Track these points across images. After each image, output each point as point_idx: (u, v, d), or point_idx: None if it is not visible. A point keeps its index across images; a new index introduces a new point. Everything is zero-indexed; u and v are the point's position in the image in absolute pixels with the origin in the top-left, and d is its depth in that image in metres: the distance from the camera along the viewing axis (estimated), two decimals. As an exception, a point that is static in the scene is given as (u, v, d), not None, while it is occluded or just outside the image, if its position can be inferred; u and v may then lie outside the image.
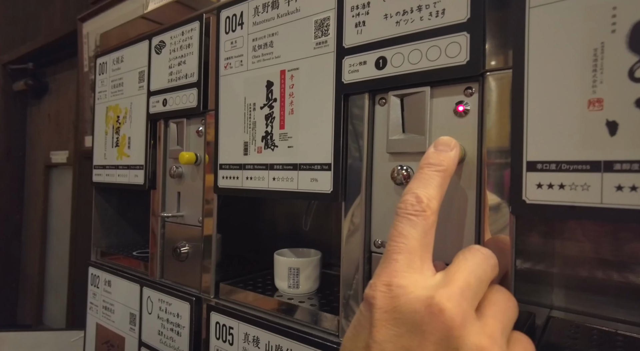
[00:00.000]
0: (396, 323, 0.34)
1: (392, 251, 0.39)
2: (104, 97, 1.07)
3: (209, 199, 0.80)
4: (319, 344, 0.61)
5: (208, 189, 0.80)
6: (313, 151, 0.63)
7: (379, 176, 0.58)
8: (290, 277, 0.72)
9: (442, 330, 0.32)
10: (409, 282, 0.36)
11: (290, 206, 1.03)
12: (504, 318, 0.37)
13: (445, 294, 0.34)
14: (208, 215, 0.81)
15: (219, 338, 0.75)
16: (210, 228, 0.80)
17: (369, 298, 0.37)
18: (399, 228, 0.40)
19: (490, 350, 0.33)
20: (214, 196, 0.79)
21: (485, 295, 0.39)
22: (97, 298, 1.05)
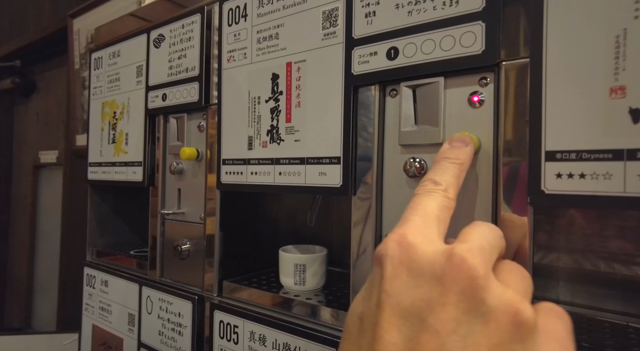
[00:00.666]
0: (412, 273, 0.30)
1: (408, 214, 0.35)
2: (99, 92, 1.04)
3: (212, 195, 0.79)
4: (328, 341, 0.60)
5: (210, 185, 0.79)
6: (321, 145, 0.62)
7: (390, 169, 0.57)
8: (297, 274, 0.71)
9: (465, 279, 0.29)
10: (425, 237, 0.33)
11: (291, 203, 1.01)
12: (524, 285, 0.33)
13: (465, 247, 0.30)
14: (210, 212, 0.79)
15: (223, 337, 0.74)
16: (212, 225, 0.79)
17: (380, 252, 0.33)
18: (417, 200, 0.38)
19: (521, 302, 0.28)
20: (216, 192, 0.78)
21: (498, 265, 0.35)
22: (94, 299, 1.02)
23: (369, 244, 0.58)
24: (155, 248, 0.90)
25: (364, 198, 0.58)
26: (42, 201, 2.51)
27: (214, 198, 0.78)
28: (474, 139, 0.48)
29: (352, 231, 0.60)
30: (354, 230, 0.59)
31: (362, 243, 0.59)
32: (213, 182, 0.78)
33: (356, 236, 0.59)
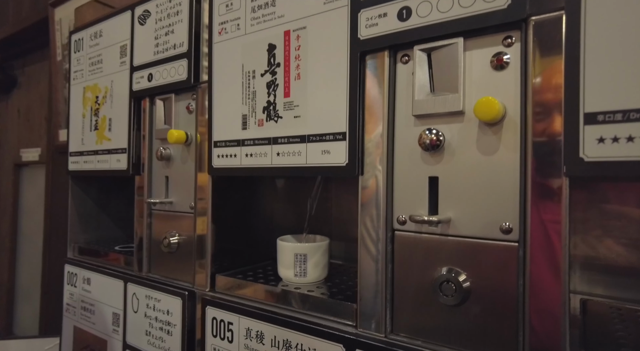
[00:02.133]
0: None
1: None
2: (80, 77, 0.97)
3: (203, 182, 0.72)
4: (335, 336, 0.54)
5: (201, 171, 0.72)
6: (324, 120, 0.56)
7: (402, 144, 0.51)
8: (297, 264, 0.65)
9: None
10: None
11: (289, 192, 0.95)
12: None
13: None
14: (201, 200, 0.73)
15: (216, 335, 0.67)
16: (204, 215, 0.72)
17: None
18: None
19: None
20: (207, 178, 0.71)
21: None
22: (75, 299, 0.95)
23: (378, 229, 0.52)
24: (142, 241, 0.83)
25: (373, 177, 0.53)
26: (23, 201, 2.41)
27: (205, 184, 0.72)
28: (499, 105, 0.43)
29: (359, 215, 0.54)
30: (361, 214, 0.54)
31: (370, 228, 0.53)
32: (204, 167, 0.72)
33: (364, 220, 0.53)
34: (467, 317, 0.46)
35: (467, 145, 0.47)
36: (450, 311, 0.48)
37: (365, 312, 0.53)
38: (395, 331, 0.52)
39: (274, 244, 0.69)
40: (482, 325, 0.45)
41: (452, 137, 0.48)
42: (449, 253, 0.48)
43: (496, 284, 0.45)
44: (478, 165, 0.46)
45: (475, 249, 0.46)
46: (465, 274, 0.47)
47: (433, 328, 0.49)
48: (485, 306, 0.45)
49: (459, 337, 0.47)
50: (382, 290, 0.52)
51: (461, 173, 0.47)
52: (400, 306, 0.51)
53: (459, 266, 0.47)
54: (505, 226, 0.44)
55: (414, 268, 0.50)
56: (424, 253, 0.50)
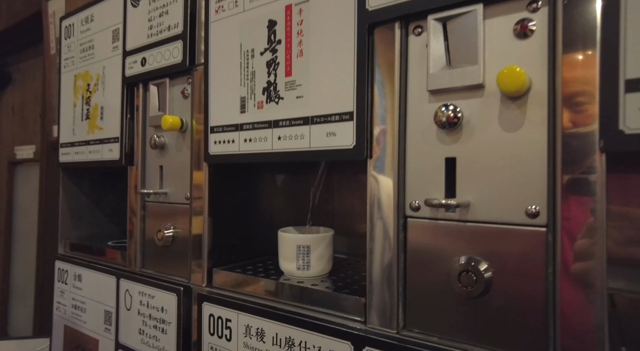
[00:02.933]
0: None
1: None
2: (71, 64, 0.93)
3: (199, 171, 0.68)
4: (342, 333, 0.50)
5: (197, 159, 0.68)
6: (329, 99, 0.52)
7: (415, 123, 0.47)
8: (300, 257, 0.61)
9: None
10: None
11: (288, 185, 0.91)
12: None
13: None
14: (197, 190, 0.68)
15: (213, 333, 0.63)
16: (200, 205, 0.68)
17: None
18: None
19: None
20: (204, 167, 0.67)
21: None
22: (66, 296, 0.91)
23: (389, 216, 0.48)
24: (135, 234, 0.79)
25: (383, 160, 0.48)
26: (18, 200, 2.36)
27: (201, 173, 0.68)
28: (524, 75, 0.39)
29: (368, 201, 0.50)
30: (370, 200, 0.49)
31: (380, 216, 0.49)
32: (200, 155, 0.67)
33: (373, 207, 0.49)
34: (489, 310, 0.42)
35: (488, 122, 0.43)
36: (469, 304, 0.43)
37: (375, 306, 0.49)
38: (408, 326, 0.47)
39: (274, 239, 0.65)
40: (505, 319, 0.41)
41: (471, 113, 0.44)
42: (468, 241, 0.44)
43: (522, 273, 0.40)
44: (500, 143, 0.42)
45: (497, 235, 0.42)
46: (487, 264, 0.42)
47: (450, 323, 0.45)
48: (509, 298, 0.41)
49: (479, 333, 0.43)
50: (394, 282, 0.48)
51: (481, 153, 0.43)
52: (413, 299, 0.47)
53: (479, 255, 0.43)
54: (532, 210, 0.40)
55: (429, 257, 0.46)
56: (440, 241, 0.45)
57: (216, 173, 0.69)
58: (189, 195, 0.70)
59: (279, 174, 0.89)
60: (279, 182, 0.92)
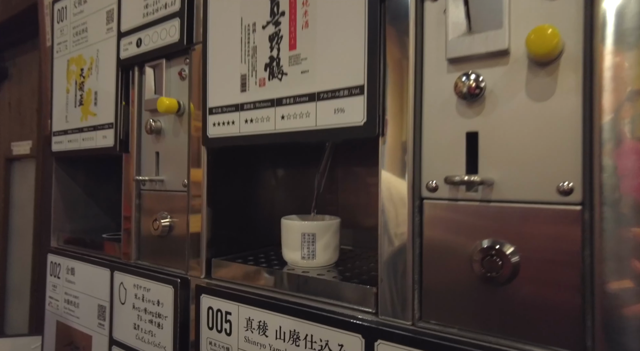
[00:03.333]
0: None
1: None
2: (64, 48, 0.89)
3: (196, 157, 0.64)
4: (351, 325, 0.46)
5: (194, 144, 0.64)
6: (338, 73, 0.48)
7: (432, 95, 0.43)
8: (305, 246, 0.57)
9: None
10: None
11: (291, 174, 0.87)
12: None
13: None
14: (195, 177, 0.65)
15: (212, 327, 0.59)
16: (198, 192, 0.64)
17: None
18: None
19: None
20: (202, 151, 0.63)
21: None
22: (58, 291, 0.87)
23: (403, 199, 0.44)
24: (130, 224, 0.75)
25: (396, 137, 0.45)
26: (15, 197, 2.32)
27: (199, 159, 0.64)
28: (558, 35, 0.35)
29: (380, 182, 0.46)
30: (382, 181, 0.46)
31: (393, 198, 0.45)
32: (198, 140, 0.63)
33: (386, 188, 0.45)
34: (516, 299, 0.38)
35: (514, 91, 0.39)
36: (493, 292, 0.39)
37: (388, 296, 0.45)
38: (424, 317, 0.43)
39: (276, 230, 0.61)
40: (535, 308, 0.37)
41: (494, 83, 0.40)
42: (491, 223, 0.40)
43: (553, 257, 0.37)
44: (527, 114, 0.38)
45: (525, 216, 0.38)
46: (513, 247, 0.38)
47: (472, 312, 0.41)
48: (539, 284, 0.37)
49: (505, 323, 0.39)
50: (409, 270, 0.44)
51: (506, 125, 0.39)
52: (430, 288, 0.43)
53: (504, 238, 0.39)
54: (565, 186, 0.36)
55: (448, 242, 0.42)
56: (460, 223, 0.41)
57: (215, 160, 0.65)
58: (187, 182, 0.66)
59: (281, 162, 0.85)
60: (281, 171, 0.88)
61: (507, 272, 0.38)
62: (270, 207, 0.85)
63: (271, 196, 0.87)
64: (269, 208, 0.85)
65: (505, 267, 0.38)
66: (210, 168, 0.64)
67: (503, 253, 0.38)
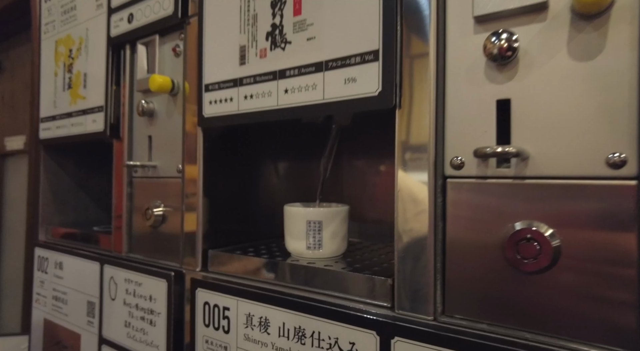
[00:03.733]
0: None
1: None
2: (51, 29, 0.84)
3: (191, 139, 0.59)
4: (365, 321, 0.41)
5: (190, 127, 0.59)
6: (349, 38, 0.43)
7: (457, 59, 0.38)
8: (310, 234, 0.52)
9: None
10: None
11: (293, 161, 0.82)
12: None
13: None
14: (190, 161, 0.59)
15: (208, 324, 0.54)
16: (193, 178, 0.59)
17: None
18: None
19: None
20: (198, 133, 0.58)
21: None
22: (46, 287, 0.82)
23: (422, 180, 0.39)
24: (121, 215, 0.69)
25: (415, 108, 0.39)
26: (8, 193, 2.27)
27: (194, 141, 0.59)
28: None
29: (397, 160, 0.41)
30: (399, 159, 0.41)
31: (412, 178, 0.40)
32: (193, 121, 0.58)
33: (404, 167, 0.40)
34: (557, 288, 0.33)
35: (553, 50, 0.34)
36: (529, 282, 0.34)
37: (406, 288, 0.40)
38: (448, 312, 0.38)
39: (277, 221, 0.56)
40: (580, 299, 0.32)
41: (529, 42, 0.35)
42: (527, 202, 0.35)
43: (602, 240, 0.32)
44: (570, 76, 0.33)
45: (567, 193, 0.33)
46: (552, 229, 0.33)
47: (504, 305, 0.36)
48: (585, 272, 0.32)
49: (544, 317, 0.34)
50: (430, 258, 0.39)
51: (544, 90, 0.34)
52: (455, 278, 0.38)
53: (541, 219, 0.34)
54: (615, 158, 0.31)
55: (475, 225, 0.37)
56: (490, 204, 0.36)
57: (213, 145, 0.60)
58: (181, 167, 0.61)
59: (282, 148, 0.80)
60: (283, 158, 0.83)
61: (546, 258, 0.33)
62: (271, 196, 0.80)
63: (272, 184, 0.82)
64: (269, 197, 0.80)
65: (544, 252, 0.33)
66: (207, 152, 0.59)
67: (541, 236, 0.33)
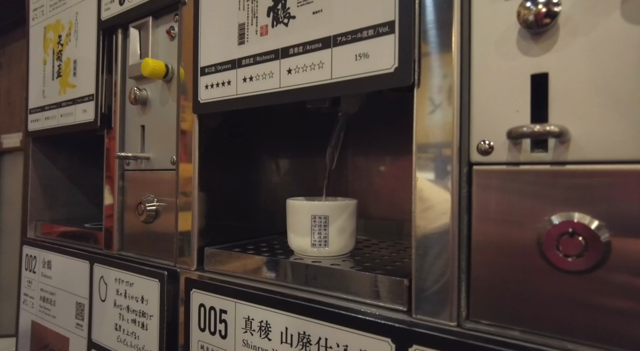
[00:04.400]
0: None
1: None
2: (40, 15, 0.79)
3: (187, 127, 0.54)
4: (378, 326, 0.36)
5: (185, 114, 0.55)
6: (360, 8, 0.38)
7: (484, 29, 0.34)
8: (316, 230, 0.47)
9: None
10: None
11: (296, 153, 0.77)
12: None
13: None
14: (185, 152, 0.55)
15: (204, 328, 0.49)
16: (188, 169, 0.54)
17: None
18: None
19: None
20: (193, 121, 0.54)
21: None
22: (33, 287, 0.77)
23: (444, 167, 0.34)
24: (112, 210, 0.65)
25: (437, 86, 0.35)
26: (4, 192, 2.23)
27: (190, 129, 0.54)
28: None
29: (415, 145, 0.36)
30: (418, 144, 0.36)
31: (433, 164, 0.35)
32: (188, 108, 0.54)
33: (422, 153, 0.36)
34: (605, 291, 0.29)
35: (604, 12, 0.29)
36: (571, 283, 0.30)
37: (425, 290, 0.35)
38: (473, 317, 0.34)
39: (279, 217, 0.52)
40: (633, 304, 0.28)
41: (573, 4, 0.30)
42: (568, 192, 0.30)
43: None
44: (622, 43, 0.28)
45: (617, 181, 0.28)
46: (600, 222, 0.29)
47: (540, 310, 0.31)
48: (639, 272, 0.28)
49: (590, 324, 0.29)
50: (454, 256, 0.34)
51: (590, 62, 0.29)
52: (482, 278, 0.33)
53: (587, 211, 0.29)
54: (678, 138, 0.26)
55: (507, 218, 0.32)
56: (524, 194, 0.32)
57: (209, 134, 0.55)
58: (176, 159, 0.56)
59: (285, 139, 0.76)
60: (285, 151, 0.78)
61: (595, 255, 0.28)
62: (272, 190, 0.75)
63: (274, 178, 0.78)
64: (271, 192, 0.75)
65: (593, 248, 0.28)
66: (203, 143, 0.54)
67: (588, 229, 0.29)
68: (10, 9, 1.91)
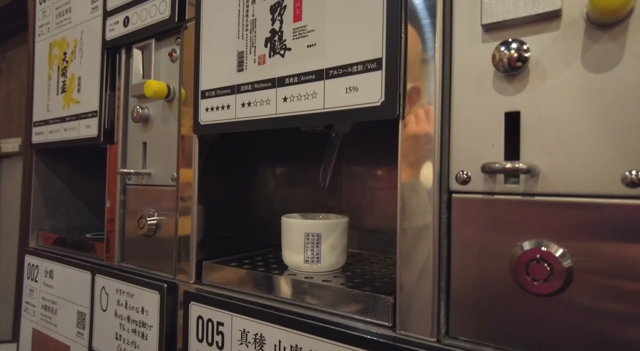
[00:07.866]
0: None
1: None
2: (46, 31, 0.82)
3: (187, 146, 0.57)
4: (364, 341, 0.39)
5: (185, 133, 0.57)
6: (351, 45, 0.41)
7: (464, 69, 0.37)
8: (308, 247, 0.50)
9: None
10: None
11: (291, 169, 0.80)
12: None
13: None
14: (185, 170, 0.58)
15: (202, 339, 0.52)
16: (188, 186, 0.57)
17: None
18: None
19: None
20: (193, 141, 0.56)
21: None
22: (35, 296, 0.79)
23: (426, 194, 0.37)
24: (114, 223, 0.67)
25: (420, 119, 0.38)
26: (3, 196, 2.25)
27: (190, 148, 0.57)
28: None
29: (400, 173, 0.39)
30: (403, 172, 0.39)
31: (415, 192, 0.38)
32: (189, 128, 0.57)
33: (407, 181, 0.39)
34: (570, 312, 0.31)
35: (566, 61, 0.32)
36: (540, 304, 0.33)
37: (408, 307, 0.38)
38: (452, 333, 0.37)
39: (274, 231, 0.55)
40: (594, 324, 0.31)
41: (541, 52, 0.33)
42: (537, 221, 0.33)
43: (618, 262, 0.30)
44: (584, 88, 0.31)
45: (580, 212, 0.31)
46: (564, 250, 0.32)
47: (512, 328, 0.34)
48: (600, 294, 0.30)
49: (554, 342, 0.32)
50: (434, 276, 0.37)
51: (556, 103, 0.32)
52: (460, 298, 0.36)
53: (553, 238, 0.32)
54: (632, 177, 0.29)
55: (482, 243, 0.35)
56: (497, 222, 0.35)
57: (209, 152, 0.58)
58: (176, 175, 0.59)
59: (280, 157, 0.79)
60: (281, 167, 0.81)
61: (558, 280, 0.31)
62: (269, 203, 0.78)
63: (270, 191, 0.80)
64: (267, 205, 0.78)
65: (556, 274, 0.31)
66: (202, 161, 0.57)
67: (552, 257, 0.32)
68: (11, 15, 1.93)
